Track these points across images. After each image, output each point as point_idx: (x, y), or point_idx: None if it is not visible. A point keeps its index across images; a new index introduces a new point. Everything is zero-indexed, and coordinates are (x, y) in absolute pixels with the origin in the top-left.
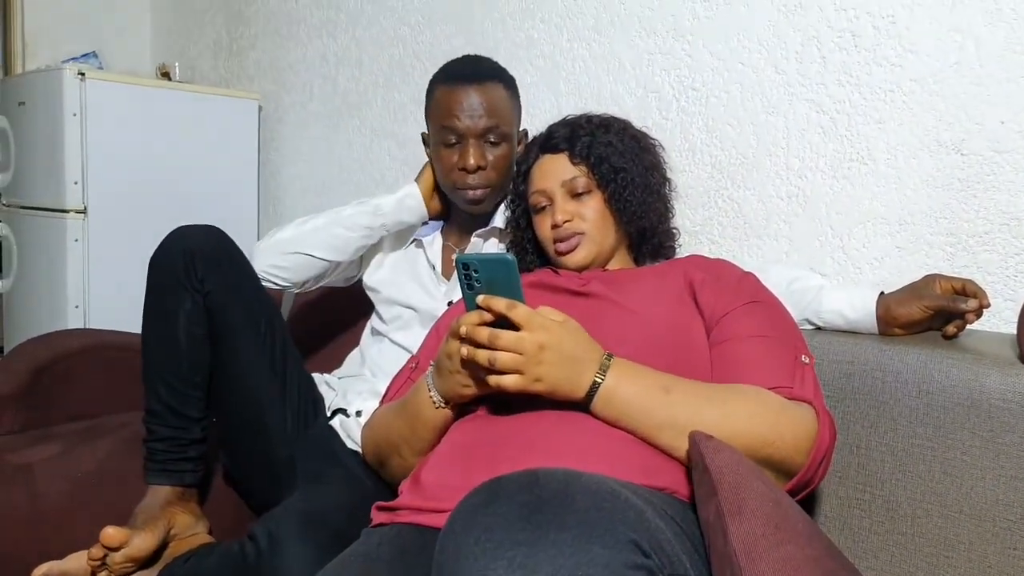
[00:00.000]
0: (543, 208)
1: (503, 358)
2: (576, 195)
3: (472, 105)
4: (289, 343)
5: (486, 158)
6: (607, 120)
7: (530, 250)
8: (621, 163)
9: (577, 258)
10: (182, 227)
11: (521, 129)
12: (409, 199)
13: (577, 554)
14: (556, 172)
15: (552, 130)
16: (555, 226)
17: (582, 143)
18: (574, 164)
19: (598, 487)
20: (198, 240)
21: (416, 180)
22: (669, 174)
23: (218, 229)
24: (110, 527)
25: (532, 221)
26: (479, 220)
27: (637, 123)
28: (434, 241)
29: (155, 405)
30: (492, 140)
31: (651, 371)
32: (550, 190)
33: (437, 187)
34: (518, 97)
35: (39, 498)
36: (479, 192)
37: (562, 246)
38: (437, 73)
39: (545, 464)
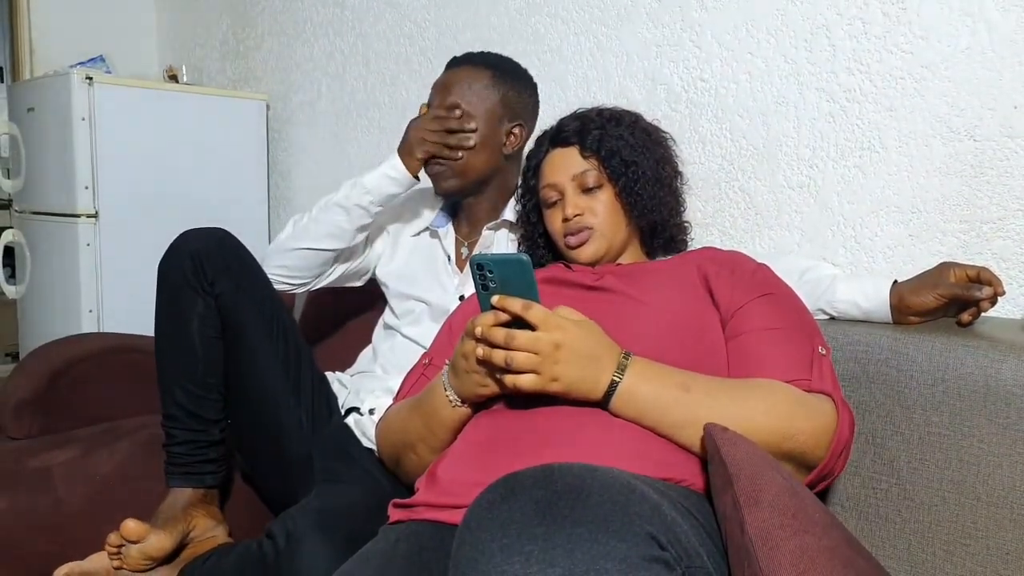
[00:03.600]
0: (554, 203)
1: (519, 358)
2: (587, 190)
3: (441, 84)
4: (301, 342)
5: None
6: (618, 113)
7: (541, 244)
8: (632, 157)
9: (587, 253)
10: (187, 231)
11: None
12: (393, 171)
13: (593, 548)
14: (567, 166)
15: (562, 123)
16: (566, 220)
17: (592, 136)
18: (584, 158)
19: (613, 481)
20: (204, 243)
21: (399, 150)
22: (681, 167)
23: (224, 231)
24: (131, 520)
25: (543, 215)
26: (487, 212)
27: (646, 116)
28: (448, 233)
29: (172, 409)
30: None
31: (669, 369)
32: (561, 184)
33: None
34: (513, 86)
35: (59, 501)
36: (433, 168)
37: (572, 240)
38: None
39: (561, 459)
